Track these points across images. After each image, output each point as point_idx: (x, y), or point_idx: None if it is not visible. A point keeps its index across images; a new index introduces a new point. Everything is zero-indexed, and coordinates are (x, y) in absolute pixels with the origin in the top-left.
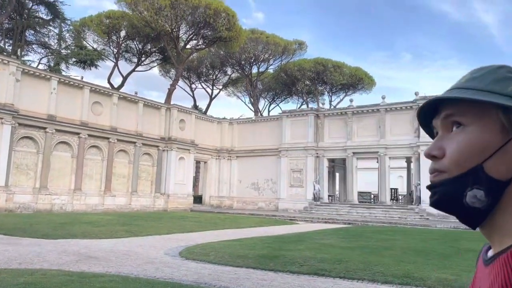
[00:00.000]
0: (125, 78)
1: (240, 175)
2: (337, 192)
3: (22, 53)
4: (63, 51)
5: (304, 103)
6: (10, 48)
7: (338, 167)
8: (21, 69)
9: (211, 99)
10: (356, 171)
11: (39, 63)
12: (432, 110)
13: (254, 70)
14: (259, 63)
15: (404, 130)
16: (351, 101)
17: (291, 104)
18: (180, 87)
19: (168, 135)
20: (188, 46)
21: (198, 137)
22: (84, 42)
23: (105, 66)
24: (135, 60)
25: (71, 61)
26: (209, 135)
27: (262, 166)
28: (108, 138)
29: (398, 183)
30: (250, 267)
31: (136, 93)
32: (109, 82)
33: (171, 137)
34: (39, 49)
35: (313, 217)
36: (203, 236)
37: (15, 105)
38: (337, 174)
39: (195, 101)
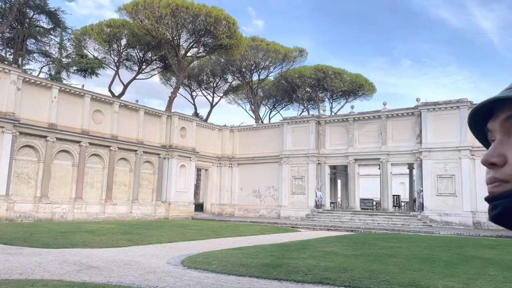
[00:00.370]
0: (126, 86)
1: (241, 182)
2: (339, 199)
3: (23, 62)
4: (64, 60)
5: (305, 110)
6: (11, 57)
7: (339, 174)
8: (22, 77)
9: (212, 106)
10: (358, 178)
11: (40, 71)
12: (485, 113)
13: (255, 77)
14: (260, 71)
15: (405, 136)
16: (352, 107)
17: (292, 111)
18: (181, 94)
19: (169, 142)
20: (189, 54)
21: (199, 144)
22: (85, 51)
23: (105, 74)
24: (135, 68)
25: (72, 70)
26: (210, 142)
27: (263, 173)
28: (109, 146)
29: (400, 190)
30: (254, 276)
31: (137, 101)
32: (110, 90)
33: (172, 144)
34: (40, 58)
35: (315, 225)
36: (205, 245)
37: (16, 114)
38: (339, 181)
39: (196, 108)
